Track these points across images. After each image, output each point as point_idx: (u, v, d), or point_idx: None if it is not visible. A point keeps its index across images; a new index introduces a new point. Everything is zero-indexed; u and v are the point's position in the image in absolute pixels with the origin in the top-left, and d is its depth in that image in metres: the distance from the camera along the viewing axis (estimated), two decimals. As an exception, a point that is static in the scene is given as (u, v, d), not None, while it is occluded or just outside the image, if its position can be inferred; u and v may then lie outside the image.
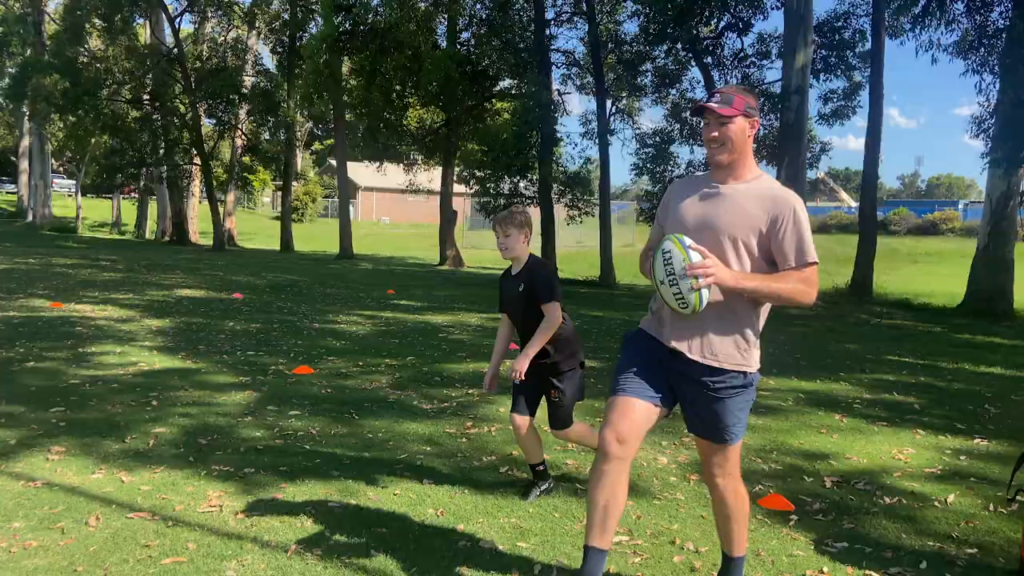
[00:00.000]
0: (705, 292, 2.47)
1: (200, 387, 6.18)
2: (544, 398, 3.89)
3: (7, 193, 55.00)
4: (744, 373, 2.66)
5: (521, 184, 19.19)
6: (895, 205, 54.50)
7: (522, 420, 3.85)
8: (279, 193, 56.63)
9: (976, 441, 5.46)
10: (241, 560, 3.18)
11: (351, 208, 59.83)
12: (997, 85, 14.23)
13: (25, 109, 38.68)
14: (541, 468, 4.04)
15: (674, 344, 2.65)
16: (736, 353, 2.64)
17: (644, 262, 2.81)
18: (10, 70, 36.34)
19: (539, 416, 3.94)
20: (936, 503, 4.19)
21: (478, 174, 18.55)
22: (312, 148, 63.15)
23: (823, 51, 17.40)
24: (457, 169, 21.90)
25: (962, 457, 5.06)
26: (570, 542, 3.49)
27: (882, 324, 12.79)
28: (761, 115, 16.27)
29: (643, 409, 2.67)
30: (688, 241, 2.51)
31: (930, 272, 26.52)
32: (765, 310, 2.70)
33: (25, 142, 43.98)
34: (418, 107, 22.49)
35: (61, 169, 54.94)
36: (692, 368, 2.66)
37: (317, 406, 5.73)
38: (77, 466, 4.23)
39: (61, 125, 28.98)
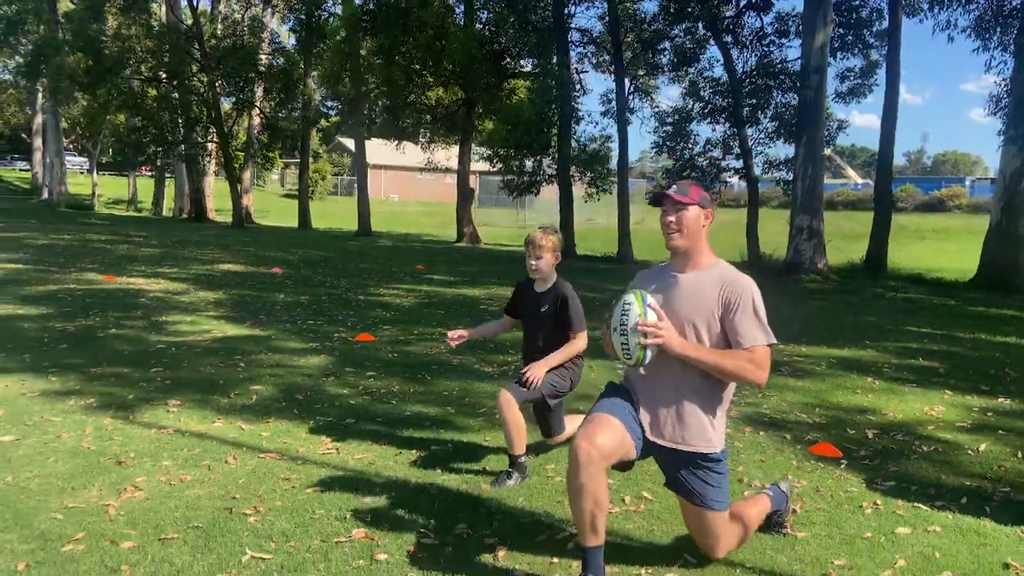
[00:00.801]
0: (650, 352, 2.61)
1: (277, 352, 6.65)
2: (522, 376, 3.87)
3: (20, 171, 55.37)
4: (709, 454, 2.78)
5: (544, 162, 19.55)
6: (901, 182, 54.59)
7: (508, 397, 3.81)
8: (287, 171, 57.08)
9: (1000, 400, 5.91)
10: (371, 490, 3.65)
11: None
12: (1011, 64, 14.53)
13: (39, 87, 39.02)
14: (522, 459, 3.90)
15: (651, 435, 2.79)
16: (702, 431, 2.76)
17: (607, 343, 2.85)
18: (22, 47, 36.61)
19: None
20: (969, 451, 4.65)
21: (501, 152, 18.88)
22: (319, 125, 63.32)
23: (840, 29, 17.66)
24: (481, 148, 22.20)
25: (988, 414, 5.52)
26: (649, 478, 3.96)
27: (897, 298, 13.20)
28: (781, 93, 16.74)
29: (622, 431, 2.71)
30: (650, 300, 2.64)
31: (938, 249, 26.84)
32: (730, 391, 2.84)
33: (38, 120, 44.32)
34: (437, 87, 22.75)
35: (71, 147, 55.25)
36: (671, 455, 2.80)
37: (389, 368, 6.19)
38: (197, 417, 4.70)
39: (84, 104, 29.23)
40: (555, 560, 3.05)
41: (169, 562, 2.89)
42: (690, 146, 17.30)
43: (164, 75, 27.01)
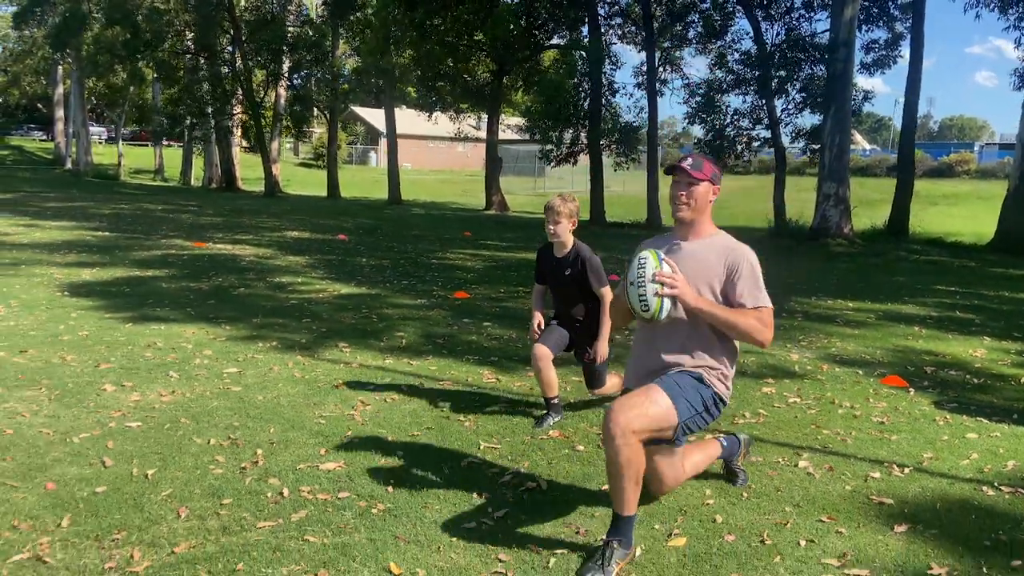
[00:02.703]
0: (667, 302, 2.72)
1: (395, 307, 7.55)
2: (578, 360, 4.37)
3: (39, 140, 55.90)
4: (702, 376, 2.90)
5: (583, 134, 20.30)
6: (911, 148, 54.87)
7: (545, 352, 4.19)
8: (300, 141, 57.54)
9: (1033, 345, 6.83)
10: (542, 407, 4.57)
11: (373, 155, 60.79)
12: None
13: (57, 56, 39.52)
14: (555, 401, 4.31)
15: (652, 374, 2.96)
16: (703, 371, 2.91)
17: (613, 308, 3.16)
18: (48, 18, 37.08)
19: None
20: (1012, 382, 5.56)
21: (541, 125, 19.61)
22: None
23: (866, 2, 18.27)
24: (515, 119, 22.90)
25: (1024, 355, 6.44)
26: (759, 400, 4.87)
27: (921, 260, 14.06)
28: (810, 65, 17.41)
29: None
30: (664, 255, 2.78)
31: (951, 214, 27.50)
32: (735, 355, 2.99)
33: (59, 90, 44.89)
34: (472, 60, 23.32)
35: (89, 116, 55.63)
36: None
37: (500, 320, 7.09)
38: (369, 355, 5.62)
39: (124, 75, 29.85)
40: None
41: (427, 449, 3.83)
42: (721, 117, 18.02)
43: (193, 48, 27.62)
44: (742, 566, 2.82)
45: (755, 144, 18.63)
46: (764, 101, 18.08)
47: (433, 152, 59.98)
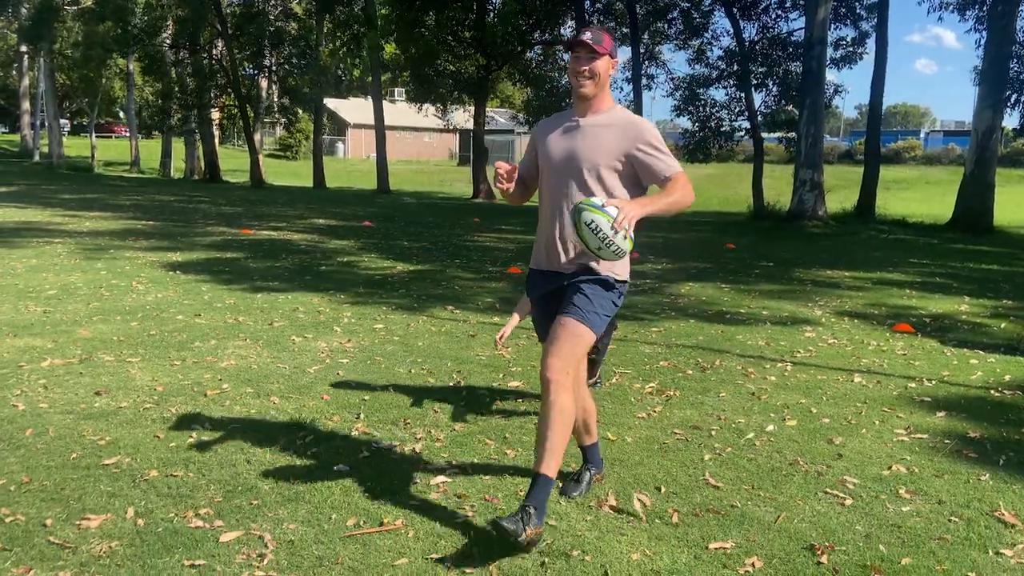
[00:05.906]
0: (632, 235, 2.70)
1: (464, 280, 8.66)
2: None
3: (0, 133, 55.04)
4: (609, 279, 2.92)
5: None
6: (859, 135, 57.39)
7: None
8: (264, 131, 57.60)
9: (1004, 301, 8.27)
10: (642, 350, 5.76)
11: (340, 145, 61.05)
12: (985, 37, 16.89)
13: (24, 48, 39.32)
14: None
15: (557, 268, 2.96)
16: (603, 264, 2.89)
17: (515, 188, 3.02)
18: (10, 12, 36.87)
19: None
20: (995, 328, 6.94)
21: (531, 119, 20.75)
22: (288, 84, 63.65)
23: (834, 3, 19.79)
24: (494, 111, 23.93)
25: (999, 309, 7.86)
26: (804, 344, 6.13)
27: (890, 238, 15.63)
28: (785, 62, 18.89)
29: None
30: (599, 201, 2.69)
31: (903, 197, 29.40)
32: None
33: (25, 82, 44.46)
34: (464, 56, 24.34)
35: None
36: (572, 277, 2.93)
37: (561, 288, 8.25)
38: (474, 315, 6.74)
39: (119, 70, 29.99)
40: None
41: (578, 375, 4.98)
42: (705, 109, 19.42)
43: (179, 42, 28.05)
44: (842, 434, 4.05)
45: (737, 134, 20.07)
46: (744, 94, 19.50)
47: (400, 142, 60.60)
